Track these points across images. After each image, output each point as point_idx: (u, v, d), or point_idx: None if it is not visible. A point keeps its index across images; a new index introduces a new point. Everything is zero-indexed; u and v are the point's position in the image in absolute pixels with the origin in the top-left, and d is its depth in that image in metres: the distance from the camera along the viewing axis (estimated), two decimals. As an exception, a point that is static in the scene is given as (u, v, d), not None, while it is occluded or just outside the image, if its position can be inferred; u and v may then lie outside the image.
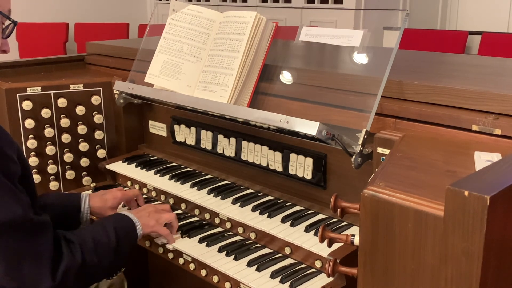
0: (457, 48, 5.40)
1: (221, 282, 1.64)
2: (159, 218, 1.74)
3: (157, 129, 2.40)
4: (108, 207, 1.85)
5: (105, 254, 1.55)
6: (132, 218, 1.69)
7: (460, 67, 2.12)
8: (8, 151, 1.38)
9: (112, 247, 1.57)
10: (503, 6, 6.00)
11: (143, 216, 1.72)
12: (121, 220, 1.67)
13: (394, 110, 1.56)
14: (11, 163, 1.38)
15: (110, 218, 1.69)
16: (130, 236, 1.65)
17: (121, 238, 1.60)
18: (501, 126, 1.36)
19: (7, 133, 1.45)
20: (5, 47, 1.50)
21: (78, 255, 1.46)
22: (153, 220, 1.72)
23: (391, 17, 5.49)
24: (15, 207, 1.34)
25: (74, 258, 1.45)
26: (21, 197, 1.38)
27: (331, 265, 1.32)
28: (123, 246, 1.60)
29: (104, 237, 1.56)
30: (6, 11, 1.44)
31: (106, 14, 7.14)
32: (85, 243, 1.51)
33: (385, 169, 1.20)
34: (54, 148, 2.28)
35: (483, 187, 0.89)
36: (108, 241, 1.56)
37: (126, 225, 1.66)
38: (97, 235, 1.55)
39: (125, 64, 2.42)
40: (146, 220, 1.70)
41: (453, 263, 0.93)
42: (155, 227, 1.72)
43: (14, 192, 1.36)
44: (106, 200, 1.86)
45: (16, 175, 1.41)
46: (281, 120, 1.61)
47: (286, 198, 1.87)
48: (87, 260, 1.48)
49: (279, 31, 1.90)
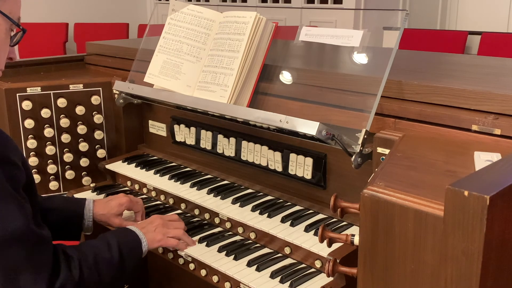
0: (457, 48, 5.40)
1: (221, 282, 1.64)
2: (166, 233, 1.69)
3: (157, 129, 2.40)
4: (113, 214, 1.82)
5: (107, 271, 1.50)
6: (138, 233, 1.64)
7: (460, 67, 2.12)
8: (14, 158, 1.36)
9: (114, 263, 1.52)
10: (503, 6, 6.00)
11: (150, 231, 1.67)
12: (126, 235, 1.63)
13: (394, 110, 1.56)
14: (16, 170, 1.36)
15: (115, 233, 1.65)
16: (134, 252, 1.60)
17: (125, 254, 1.55)
18: (501, 126, 1.36)
19: (12, 140, 1.43)
20: (12, 55, 1.48)
21: (76, 271, 1.42)
22: (160, 235, 1.67)
23: (391, 17, 5.49)
24: (19, 218, 1.31)
25: (71, 275, 1.41)
26: (24, 207, 1.35)
27: (331, 265, 1.32)
28: (126, 262, 1.56)
29: (106, 253, 1.52)
30: (16, 19, 1.42)
31: (106, 14, 7.14)
32: (85, 259, 1.46)
33: (385, 169, 1.20)
34: (54, 148, 2.28)
35: (483, 187, 0.89)
36: (111, 257, 1.52)
37: (131, 240, 1.61)
38: (99, 251, 1.51)
39: (125, 64, 2.42)
40: (152, 236, 1.66)
41: (453, 263, 0.93)
42: (161, 241, 1.68)
43: (18, 201, 1.33)
44: (111, 207, 1.82)
45: (21, 182, 1.38)
46: (281, 120, 1.61)
47: (286, 198, 1.87)
48: (86, 277, 1.44)
49: (279, 31, 1.90)
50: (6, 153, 1.34)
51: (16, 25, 1.43)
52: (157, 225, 1.70)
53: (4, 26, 1.40)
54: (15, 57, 1.50)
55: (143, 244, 1.63)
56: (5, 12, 1.39)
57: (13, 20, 1.41)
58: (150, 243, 1.65)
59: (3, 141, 1.36)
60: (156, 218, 1.74)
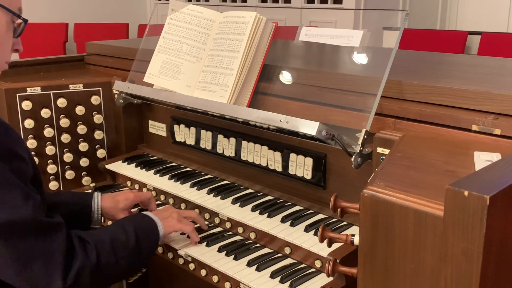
0: (456, 48, 5.40)
1: (221, 282, 1.64)
2: (180, 220, 1.71)
3: (156, 129, 2.40)
4: (120, 208, 1.83)
5: (124, 255, 1.50)
6: (154, 217, 1.65)
7: (460, 67, 2.12)
8: (20, 152, 1.37)
9: (131, 247, 1.52)
10: (503, 6, 6.00)
11: (165, 217, 1.68)
12: (141, 219, 1.64)
13: (394, 110, 1.56)
14: (23, 163, 1.37)
15: (130, 217, 1.66)
16: (151, 236, 1.61)
17: (141, 238, 1.56)
18: (501, 126, 1.36)
19: (18, 134, 1.43)
20: (17, 46, 1.48)
21: (93, 255, 1.42)
22: (174, 220, 1.69)
23: (390, 17, 5.50)
24: (26, 207, 1.32)
25: (88, 259, 1.41)
26: (33, 197, 1.35)
27: (331, 265, 1.32)
28: (143, 246, 1.56)
29: (123, 237, 1.52)
30: (16, 10, 1.41)
31: (106, 14, 7.14)
32: (101, 243, 1.46)
33: (385, 169, 1.20)
34: (53, 148, 2.28)
35: (483, 187, 0.89)
36: (127, 240, 1.52)
37: (147, 224, 1.62)
38: (115, 235, 1.52)
39: (125, 64, 2.42)
40: (167, 221, 1.67)
41: (453, 263, 0.93)
42: (176, 226, 1.69)
43: (25, 191, 1.34)
44: (117, 201, 1.83)
45: (28, 175, 1.39)
46: (281, 120, 1.61)
47: (286, 198, 1.87)
48: (103, 261, 1.44)
49: (278, 31, 1.90)
50: (13, 146, 1.35)
51: (17, 16, 1.42)
52: (171, 212, 1.72)
53: (5, 18, 1.39)
54: (20, 49, 1.49)
55: (160, 228, 1.63)
56: (4, 4, 1.38)
57: (13, 11, 1.40)
58: (166, 228, 1.66)
59: (10, 135, 1.37)
60: (169, 207, 1.78)
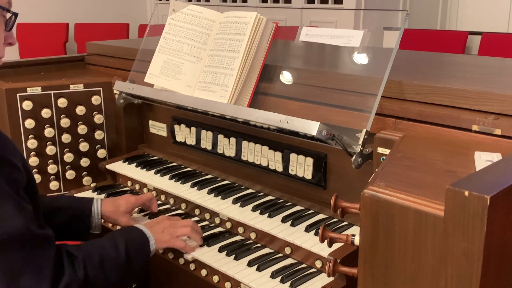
0: (457, 48, 5.39)
1: (222, 282, 1.64)
2: (174, 233, 1.67)
3: (157, 129, 2.40)
4: (121, 212, 1.82)
5: (113, 270, 1.48)
6: (146, 232, 1.62)
7: (460, 67, 2.12)
8: (14, 160, 1.36)
9: (121, 263, 1.50)
10: (503, 6, 5.99)
11: (157, 232, 1.65)
12: (133, 233, 1.61)
13: (394, 110, 1.56)
14: (16, 171, 1.36)
15: (122, 231, 1.64)
16: (142, 251, 1.58)
17: (132, 253, 1.53)
18: (501, 126, 1.36)
19: (12, 142, 1.42)
20: (10, 40, 1.47)
21: (81, 271, 1.41)
22: (168, 235, 1.66)
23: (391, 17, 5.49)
24: (18, 219, 1.30)
25: (75, 274, 1.39)
26: (25, 208, 1.34)
27: (331, 265, 1.32)
28: (133, 261, 1.53)
29: (113, 252, 1.50)
30: (5, 4, 1.41)
31: (106, 14, 7.14)
32: (90, 258, 1.44)
33: (385, 169, 1.20)
34: (54, 148, 2.29)
35: (483, 187, 0.89)
36: (117, 255, 1.50)
37: (138, 239, 1.59)
38: (104, 250, 1.49)
39: (125, 64, 2.42)
40: (160, 236, 1.64)
41: (453, 263, 0.93)
42: (169, 242, 1.66)
43: (18, 202, 1.32)
44: (119, 205, 1.82)
45: (21, 184, 1.38)
46: (281, 120, 1.61)
47: (286, 198, 1.87)
48: (91, 276, 1.42)
49: (279, 31, 1.90)
50: (6, 155, 1.34)
51: (7, 10, 1.42)
52: (164, 225, 1.69)
53: None
54: (14, 42, 1.48)
55: (151, 243, 1.61)
56: None
57: (2, 6, 1.40)
58: (158, 243, 1.63)
59: (3, 143, 1.36)
60: (164, 219, 1.73)
